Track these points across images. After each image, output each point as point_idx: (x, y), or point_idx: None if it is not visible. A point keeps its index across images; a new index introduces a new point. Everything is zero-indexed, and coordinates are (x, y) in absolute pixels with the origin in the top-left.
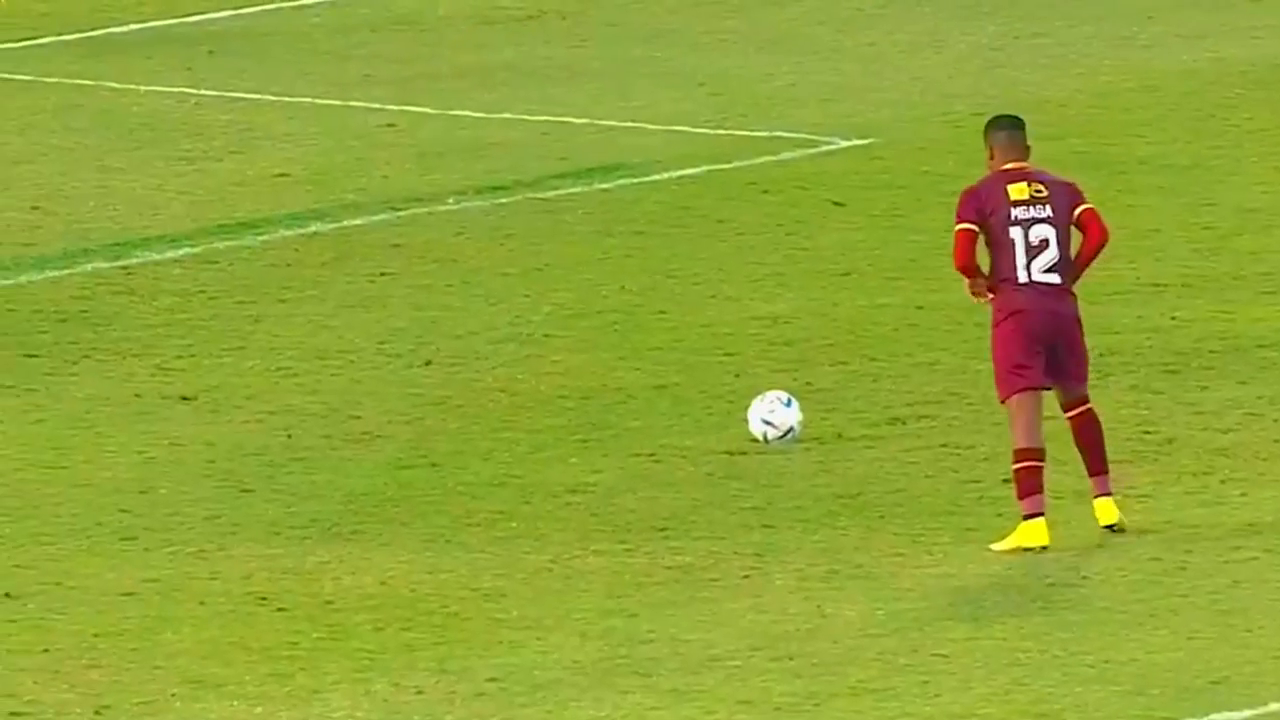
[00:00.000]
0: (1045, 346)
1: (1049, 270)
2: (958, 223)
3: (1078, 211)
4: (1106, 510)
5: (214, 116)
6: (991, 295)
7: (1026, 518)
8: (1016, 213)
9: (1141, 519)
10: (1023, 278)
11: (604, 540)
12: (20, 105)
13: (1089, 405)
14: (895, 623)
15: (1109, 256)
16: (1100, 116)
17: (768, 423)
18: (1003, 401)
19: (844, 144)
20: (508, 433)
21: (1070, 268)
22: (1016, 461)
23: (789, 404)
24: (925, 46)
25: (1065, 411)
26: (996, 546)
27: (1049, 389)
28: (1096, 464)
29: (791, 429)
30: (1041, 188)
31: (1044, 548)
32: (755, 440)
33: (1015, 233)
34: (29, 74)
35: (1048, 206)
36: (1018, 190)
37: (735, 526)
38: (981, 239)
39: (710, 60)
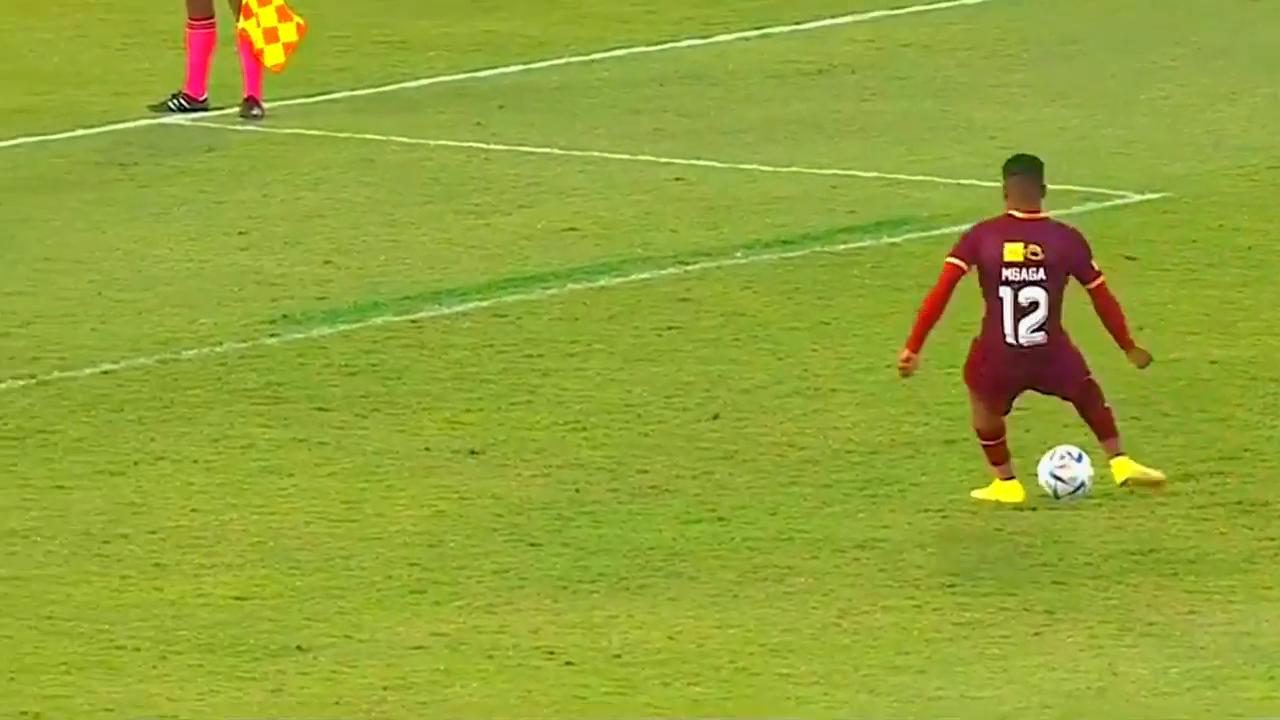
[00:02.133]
0: (1017, 389)
1: (1036, 330)
2: (949, 256)
3: (1089, 287)
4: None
5: (503, 170)
6: (978, 337)
7: (1003, 480)
8: (1008, 274)
9: None
10: (1010, 339)
11: (892, 596)
12: (314, 160)
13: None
14: (1189, 681)
15: None
16: None
17: (1057, 477)
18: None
19: (1137, 198)
20: (795, 487)
21: (1058, 324)
22: (981, 440)
23: (1079, 459)
24: (1220, 99)
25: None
26: (977, 493)
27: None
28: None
29: (1082, 484)
30: (1038, 249)
31: (1017, 505)
32: (1045, 495)
33: (1005, 293)
34: (322, 129)
35: (1040, 270)
36: (1013, 252)
37: (1025, 583)
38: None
39: (999, 113)
